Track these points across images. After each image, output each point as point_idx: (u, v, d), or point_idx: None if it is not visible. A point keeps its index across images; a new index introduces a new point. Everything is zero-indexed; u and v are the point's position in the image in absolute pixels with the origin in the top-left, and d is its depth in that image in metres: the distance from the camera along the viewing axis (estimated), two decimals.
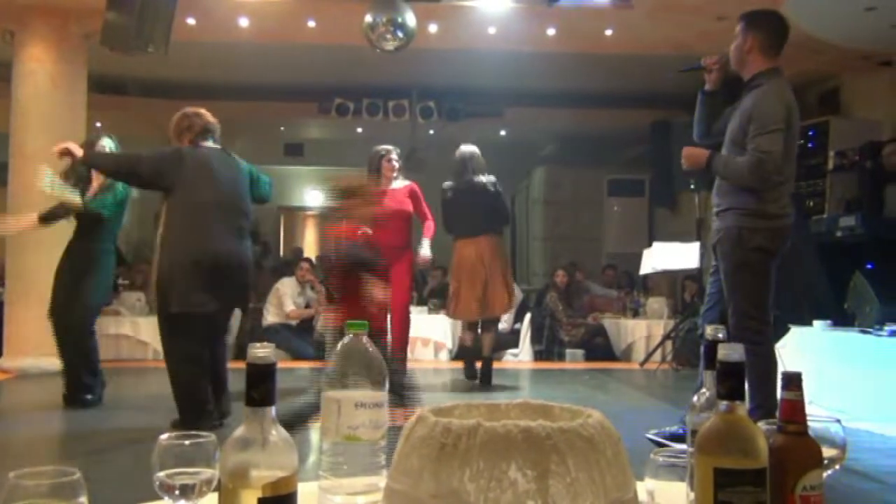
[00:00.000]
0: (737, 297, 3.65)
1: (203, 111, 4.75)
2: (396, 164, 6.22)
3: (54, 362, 7.33)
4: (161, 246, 4.49)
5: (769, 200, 3.59)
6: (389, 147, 6.31)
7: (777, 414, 1.09)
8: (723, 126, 3.85)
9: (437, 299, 9.43)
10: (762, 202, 3.59)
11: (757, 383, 3.33)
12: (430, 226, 6.43)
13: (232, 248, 4.51)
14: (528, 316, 9.12)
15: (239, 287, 4.61)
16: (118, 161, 4.71)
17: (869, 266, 5.79)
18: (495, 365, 7.05)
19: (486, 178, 6.58)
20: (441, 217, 6.67)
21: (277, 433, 0.99)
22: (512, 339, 9.05)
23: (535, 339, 9.09)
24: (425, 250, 6.36)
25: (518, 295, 8.17)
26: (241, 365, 1.02)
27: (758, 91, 3.66)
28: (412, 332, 8.55)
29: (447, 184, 6.68)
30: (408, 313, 6.35)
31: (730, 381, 1.02)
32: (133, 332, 8.38)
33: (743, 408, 1.01)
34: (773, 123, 3.54)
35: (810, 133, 8.63)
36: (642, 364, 8.32)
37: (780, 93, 3.63)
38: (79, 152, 4.58)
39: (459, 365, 7.73)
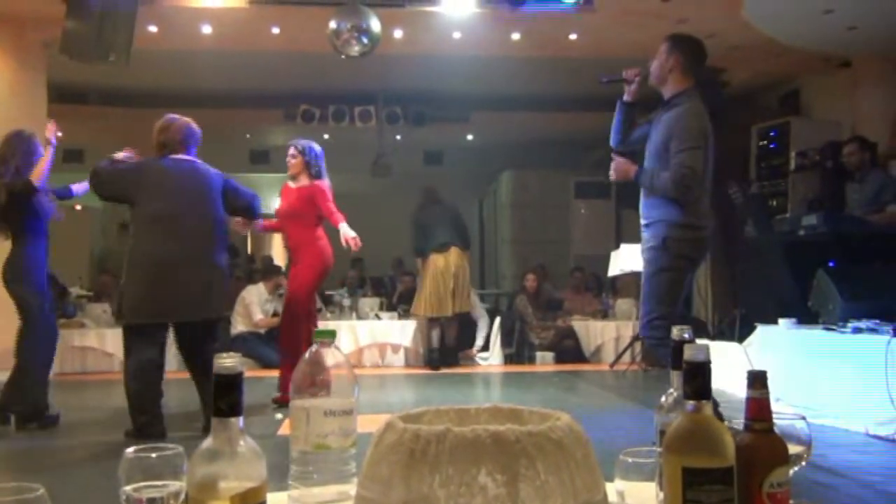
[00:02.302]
0: (653, 300, 3.85)
1: (176, 124, 4.75)
2: (291, 161, 5.91)
3: None
4: (127, 257, 4.57)
5: (692, 213, 3.82)
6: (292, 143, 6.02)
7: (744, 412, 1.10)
8: (637, 136, 4.09)
9: (406, 304, 9.41)
10: (687, 215, 3.82)
11: None
12: (335, 219, 5.73)
13: (196, 258, 4.54)
14: (497, 319, 9.14)
15: (205, 296, 4.58)
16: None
17: (831, 264, 5.88)
18: (467, 370, 8.27)
19: (446, 204, 8.37)
20: (412, 236, 8.32)
21: (245, 444, 0.98)
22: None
23: (505, 343, 9.10)
24: (346, 231, 5.67)
25: (477, 303, 9.22)
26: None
27: (678, 110, 3.87)
28: (383, 338, 8.62)
29: (416, 209, 8.34)
30: (297, 310, 5.70)
31: (696, 381, 1.03)
32: (98, 343, 8.26)
33: (709, 407, 1.02)
34: (694, 141, 3.78)
35: (772, 134, 8.76)
36: (612, 365, 8.37)
37: (699, 113, 3.86)
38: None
39: (430, 371, 7.98)
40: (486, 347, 9.03)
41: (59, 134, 5.13)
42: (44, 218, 5.03)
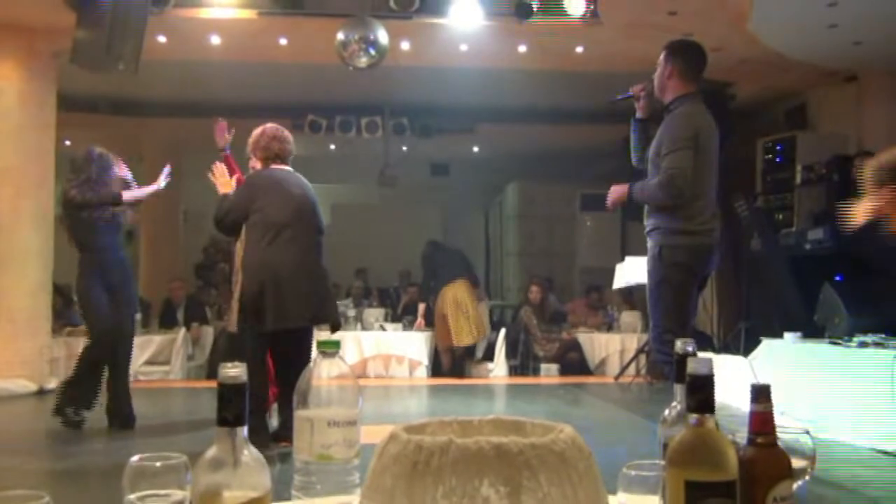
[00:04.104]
0: (657, 313, 3.73)
1: (285, 135, 4.83)
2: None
3: (23, 384, 7.23)
4: (241, 267, 4.58)
5: (688, 217, 3.70)
6: None
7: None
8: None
9: (412, 315, 9.40)
10: (681, 220, 3.70)
11: None
12: None
13: (309, 264, 4.56)
14: (502, 331, 9.14)
15: (322, 301, 4.61)
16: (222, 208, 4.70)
17: (837, 278, 5.86)
18: (471, 381, 8.56)
19: (450, 248, 9.41)
20: (423, 272, 9.14)
21: (249, 453, 0.99)
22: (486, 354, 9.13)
23: (509, 355, 9.09)
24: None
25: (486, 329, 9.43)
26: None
27: (670, 115, 3.82)
28: (388, 350, 8.62)
29: (427, 247, 9.12)
30: None
31: (699, 395, 1.03)
32: None
33: (713, 420, 1.02)
34: (680, 141, 3.68)
35: (778, 148, 8.75)
36: (616, 378, 8.35)
37: (690, 115, 3.78)
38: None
39: (434, 382, 7.99)
40: (487, 357, 9.04)
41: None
42: (99, 233, 5.20)
